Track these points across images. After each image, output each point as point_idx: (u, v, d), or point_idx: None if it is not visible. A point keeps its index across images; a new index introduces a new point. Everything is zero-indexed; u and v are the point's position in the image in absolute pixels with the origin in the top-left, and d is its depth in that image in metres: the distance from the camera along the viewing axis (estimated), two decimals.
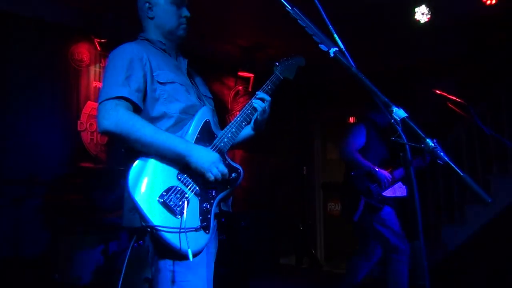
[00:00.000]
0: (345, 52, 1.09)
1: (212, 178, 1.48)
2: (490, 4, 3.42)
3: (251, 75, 5.30)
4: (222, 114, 5.24)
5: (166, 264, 1.45)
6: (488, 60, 4.37)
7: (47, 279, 3.03)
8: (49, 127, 3.62)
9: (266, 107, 1.76)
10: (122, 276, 1.42)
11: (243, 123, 1.69)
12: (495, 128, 4.03)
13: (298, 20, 1.14)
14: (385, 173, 3.13)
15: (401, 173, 3.14)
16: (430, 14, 3.64)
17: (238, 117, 1.69)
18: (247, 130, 1.83)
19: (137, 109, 1.53)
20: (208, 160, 1.48)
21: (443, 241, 4.35)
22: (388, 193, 3.16)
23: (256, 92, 1.77)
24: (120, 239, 3.08)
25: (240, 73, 5.22)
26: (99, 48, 4.00)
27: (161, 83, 1.58)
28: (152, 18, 1.71)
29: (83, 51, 3.94)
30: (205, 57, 4.92)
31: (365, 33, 4.36)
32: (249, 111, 1.72)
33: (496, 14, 3.53)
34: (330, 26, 1.13)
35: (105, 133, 1.45)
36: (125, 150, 1.57)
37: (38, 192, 3.18)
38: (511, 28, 3.59)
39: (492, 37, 3.55)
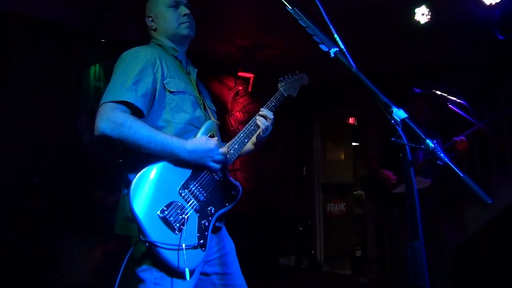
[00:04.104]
0: (346, 52, 1.09)
1: (214, 166, 1.53)
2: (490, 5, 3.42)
3: (251, 75, 5.31)
4: (222, 114, 5.24)
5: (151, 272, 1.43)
6: (488, 61, 4.37)
7: (47, 279, 3.03)
8: (49, 127, 3.61)
9: (269, 125, 1.77)
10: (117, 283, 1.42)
11: (246, 140, 1.70)
12: (495, 128, 4.03)
13: (299, 20, 1.14)
14: (386, 173, 3.13)
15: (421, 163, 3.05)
16: (430, 15, 3.64)
17: (241, 133, 1.69)
18: (248, 146, 1.84)
19: (139, 115, 1.49)
20: (205, 153, 1.50)
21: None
22: (400, 188, 3.13)
23: (260, 109, 1.77)
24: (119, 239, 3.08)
25: (240, 73, 5.22)
26: (99, 48, 4.00)
27: (170, 92, 1.55)
28: (155, 30, 1.72)
29: (83, 51, 3.94)
30: (205, 57, 4.92)
31: (365, 34, 4.36)
32: (252, 127, 1.72)
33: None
34: (331, 26, 1.13)
35: (102, 136, 1.41)
36: (125, 153, 1.55)
37: (38, 192, 3.18)
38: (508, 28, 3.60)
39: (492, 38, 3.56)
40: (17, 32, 3.50)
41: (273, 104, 1.81)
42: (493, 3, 3.38)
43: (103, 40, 3.95)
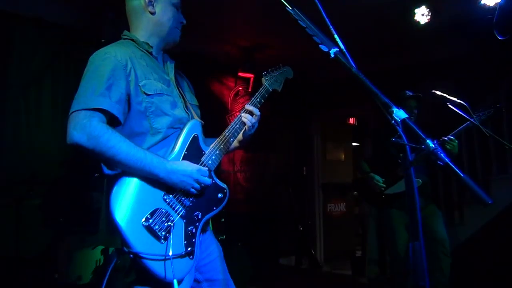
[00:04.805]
0: (346, 52, 1.09)
1: (194, 192, 1.44)
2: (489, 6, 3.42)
3: (251, 75, 5.30)
4: (222, 114, 5.24)
5: None
6: (488, 61, 4.37)
7: (47, 279, 3.03)
8: (49, 127, 3.61)
9: (255, 122, 1.69)
10: None
11: (232, 139, 1.62)
12: (495, 129, 4.03)
13: (299, 21, 1.14)
14: (374, 180, 3.19)
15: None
16: (430, 15, 3.64)
17: (227, 132, 1.62)
18: (233, 144, 1.74)
19: (115, 123, 1.41)
20: (185, 177, 1.41)
21: None
22: (391, 190, 3.15)
23: (245, 105, 1.69)
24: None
25: (240, 74, 5.22)
26: (99, 48, 3.98)
27: (147, 95, 1.46)
28: (153, 13, 1.58)
29: (83, 51, 3.93)
30: (205, 58, 4.92)
31: (366, 34, 4.36)
32: (238, 125, 1.65)
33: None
34: (331, 27, 1.13)
35: (75, 146, 1.32)
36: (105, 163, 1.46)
37: (38, 192, 3.18)
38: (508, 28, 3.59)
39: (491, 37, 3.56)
40: (17, 32, 3.49)
41: (258, 100, 1.73)
42: (493, 3, 3.38)
43: (103, 40, 3.94)
